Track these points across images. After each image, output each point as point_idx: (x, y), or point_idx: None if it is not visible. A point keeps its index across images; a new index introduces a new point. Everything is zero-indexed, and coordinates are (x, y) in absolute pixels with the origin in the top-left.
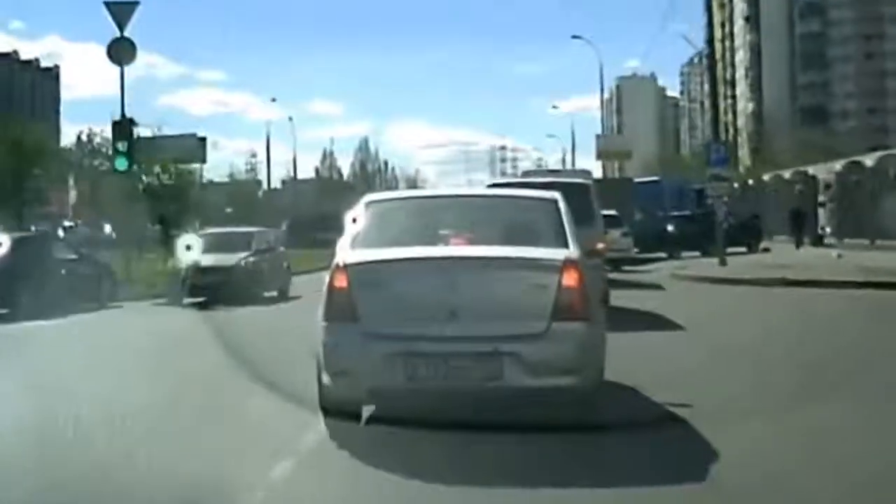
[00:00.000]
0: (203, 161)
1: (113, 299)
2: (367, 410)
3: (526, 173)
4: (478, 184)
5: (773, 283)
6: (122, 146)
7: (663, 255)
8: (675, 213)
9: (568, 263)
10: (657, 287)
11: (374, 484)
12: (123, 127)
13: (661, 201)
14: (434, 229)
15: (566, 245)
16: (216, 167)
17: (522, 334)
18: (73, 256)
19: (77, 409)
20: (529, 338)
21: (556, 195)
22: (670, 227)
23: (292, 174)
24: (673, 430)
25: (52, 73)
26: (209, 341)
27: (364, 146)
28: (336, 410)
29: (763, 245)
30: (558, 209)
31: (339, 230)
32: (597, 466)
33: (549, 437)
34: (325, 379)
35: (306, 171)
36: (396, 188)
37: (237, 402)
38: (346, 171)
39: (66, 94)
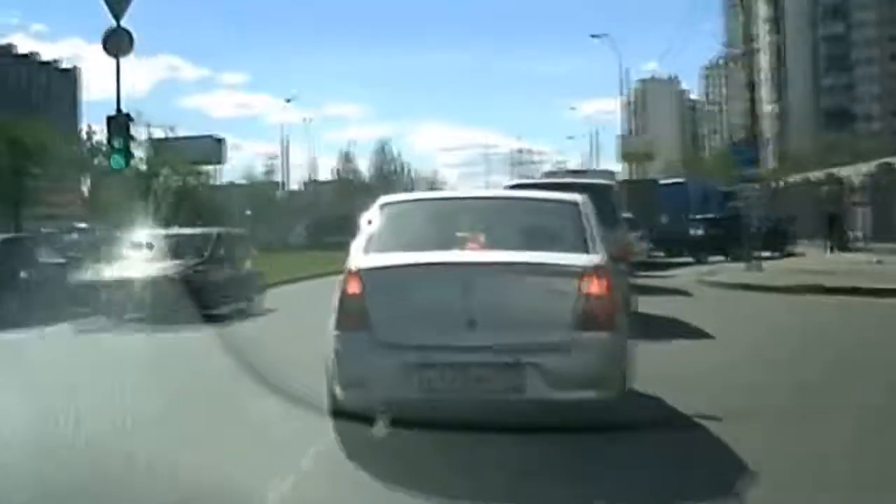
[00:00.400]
0: (221, 162)
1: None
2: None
3: (547, 174)
4: (498, 186)
5: (810, 290)
6: (118, 143)
7: (689, 259)
8: (701, 216)
9: (592, 270)
10: (684, 293)
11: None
12: (119, 123)
13: (686, 204)
14: (451, 233)
15: (590, 250)
16: (237, 169)
17: (545, 344)
18: (61, 261)
19: None
20: (552, 348)
21: (579, 197)
22: (696, 231)
23: (312, 176)
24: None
25: (72, 75)
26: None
27: (382, 148)
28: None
29: (791, 249)
30: (582, 212)
31: (356, 232)
32: (619, 477)
33: (568, 444)
34: (337, 390)
35: (328, 173)
36: (415, 190)
37: None
38: (365, 173)
39: (87, 96)
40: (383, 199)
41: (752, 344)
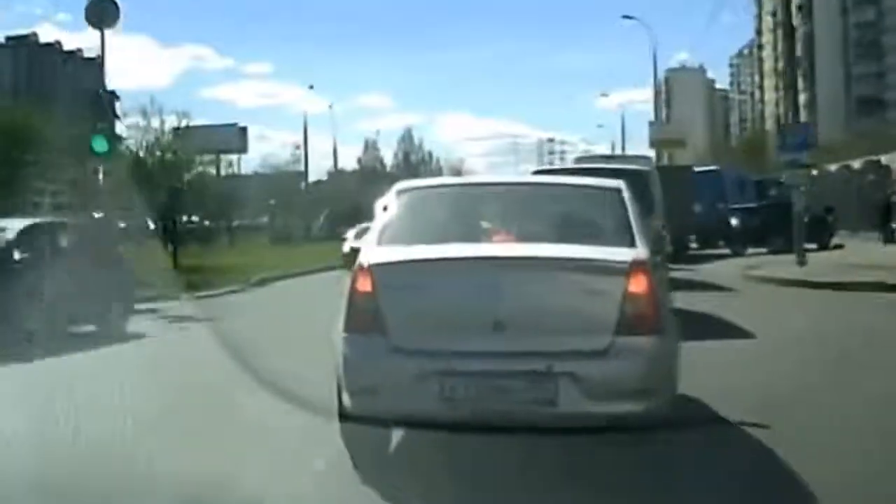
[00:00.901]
0: (244, 151)
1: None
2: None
3: (579, 159)
4: (525, 175)
5: (868, 287)
6: (102, 125)
7: (726, 251)
8: (739, 206)
9: (636, 266)
10: (728, 289)
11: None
12: (103, 102)
13: (721, 192)
14: (476, 223)
15: (633, 243)
16: (263, 158)
17: (581, 351)
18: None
19: None
20: (589, 355)
21: (621, 184)
22: (734, 221)
23: (337, 165)
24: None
25: (95, 64)
26: None
27: (407, 136)
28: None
29: (836, 241)
30: (623, 200)
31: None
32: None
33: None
34: (346, 399)
35: (354, 163)
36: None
37: None
38: (389, 162)
39: (112, 86)
40: (399, 184)
41: (817, 351)
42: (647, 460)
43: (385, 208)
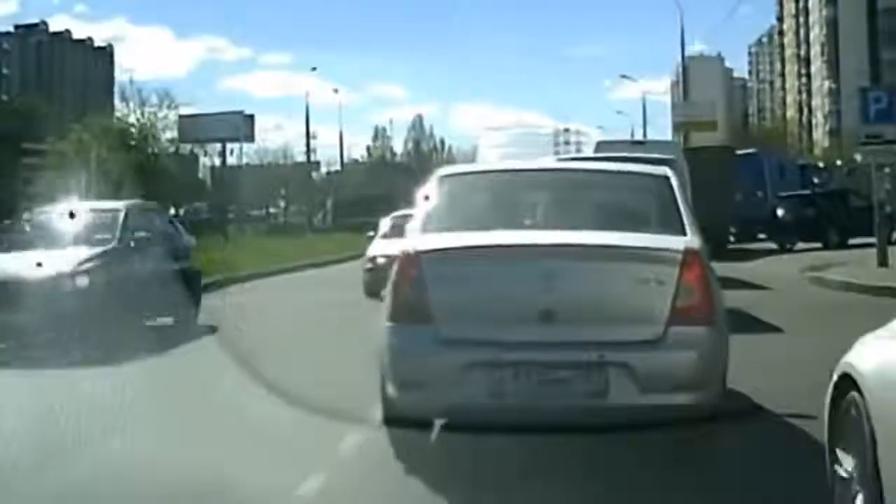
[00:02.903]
0: (250, 140)
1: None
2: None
3: (601, 144)
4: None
5: None
6: None
7: (769, 244)
8: (788, 193)
9: (689, 254)
10: (781, 293)
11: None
12: None
13: (761, 179)
14: (523, 209)
15: (684, 231)
16: (279, 149)
17: (632, 341)
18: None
19: None
20: (642, 345)
21: (668, 170)
22: (780, 211)
23: (350, 154)
24: None
25: (107, 53)
26: None
27: (418, 124)
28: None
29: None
30: (672, 187)
31: (381, 212)
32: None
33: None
34: (391, 391)
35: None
36: None
37: None
38: (400, 151)
39: (127, 76)
40: (442, 170)
41: None
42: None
43: (427, 196)
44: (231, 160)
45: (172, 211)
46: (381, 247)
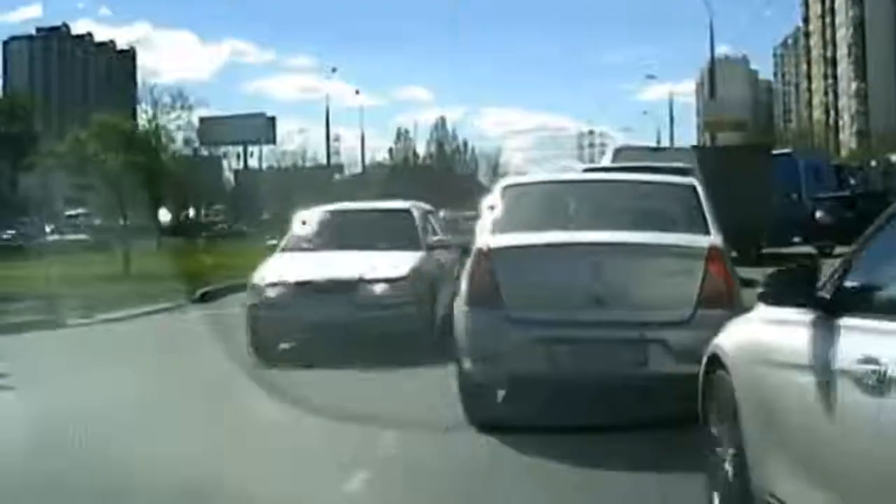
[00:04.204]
0: (271, 142)
1: None
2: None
3: (619, 151)
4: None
5: None
6: None
7: (804, 249)
8: (826, 195)
9: (713, 250)
10: None
11: None
12: None
13: (796, 180)
14: (573, 213)
15: (708, 232)
16: (303, 152)
17: (667, 321)
18: None
19: None
20: (674, 324)
21: (694, 180)
22: (819, 213)
23: (374, 157)
24: None
25: (129, 56)
26: None
27: (441, 126)
28: (475, 394)
29: None
30: (698, 195)
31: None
32: None
33: None
34: (466, 364)
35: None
36: (477, 171)
37: None
38: (423, 153)
39: (152, 80)
40: (505, 181)
41: None
42: None
43: (492, 205)
44: (251, 163)
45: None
46: (278, 268)
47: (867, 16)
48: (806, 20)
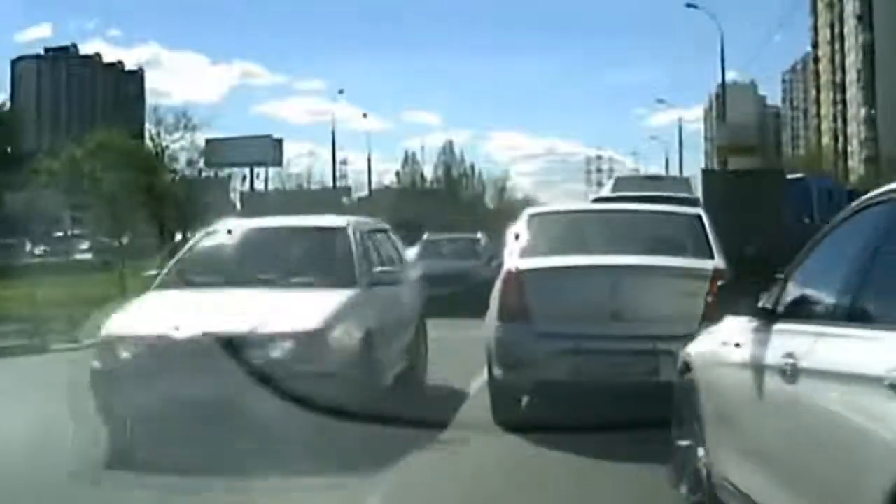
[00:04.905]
0: (278, 164)
1: None
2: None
3: (619, 180)
4: (574, 194)
5: None
6: None
7: None
8: None
9: (717, 272)
10: None
11: None
12: None
13: (809, 204)
14: (593, 239)
15: (713, 256)
16: (303, 174)
17: (677, 334)
18: None
19: None
20: (683, 338)
21: (700, 210)
22: None
23: (382, 181)
24: None
25: (138, 77)
26: None
27: (448, 149)
28: (504, 398)
29: None
30: (703, 223)
31: (407, 238)
32: None
33: None
34: (497, 371)
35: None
36: (485, 194)
37: None
38: (430, 177)
39: (161, 101)
40: (529, 210)
41: None
42: None
43: (517, 234)
44: (258, 185)
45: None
46: (140, 314)
47: (877, 42)
48: (815, 45)
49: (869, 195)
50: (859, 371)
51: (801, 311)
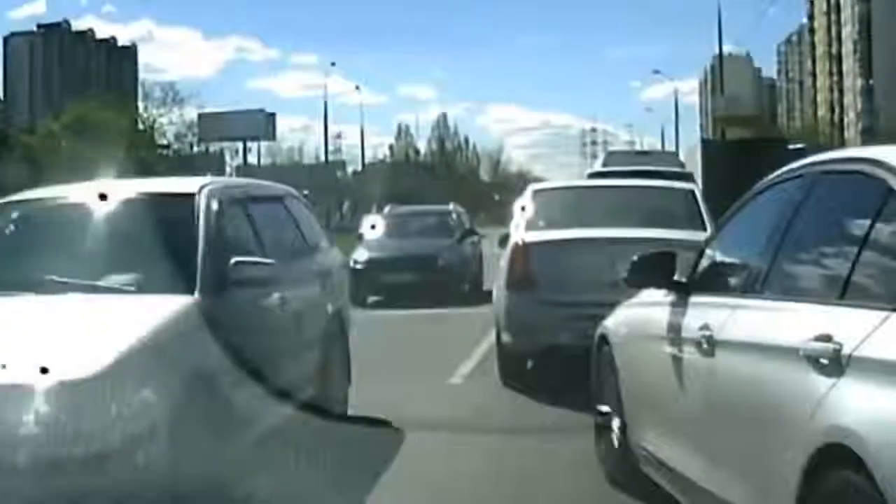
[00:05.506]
0: (270, 138)
1: None
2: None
3: (611, 154)
4: (568, 167)
5: None
6: None
7: None
8: None
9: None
10: None
11: None
12: None
13: None
14: (594, 213)
15: (706, 228)
16: (301, 148)
17: None
18: None
19: None
20: None
21: (694, 186)
22: None
23: (376, 154)
24: None
25: (131, 52)
26: None
27: (442, 122)
28: (511, 361)
29: None
30: (696, 198)
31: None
32: None
33: None
34: (505, 337)
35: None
36: (480, 167)
37: None
38: (424, 150)
39: (155, 77)
40: (533, 186)
41: None
42: None
43: (523, 207)
44: (251, 159)
45: None
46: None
47: (873, 12)
48: (811, 16)
49: (784, 169)
50: (775, 342)
51: (716, 283)
